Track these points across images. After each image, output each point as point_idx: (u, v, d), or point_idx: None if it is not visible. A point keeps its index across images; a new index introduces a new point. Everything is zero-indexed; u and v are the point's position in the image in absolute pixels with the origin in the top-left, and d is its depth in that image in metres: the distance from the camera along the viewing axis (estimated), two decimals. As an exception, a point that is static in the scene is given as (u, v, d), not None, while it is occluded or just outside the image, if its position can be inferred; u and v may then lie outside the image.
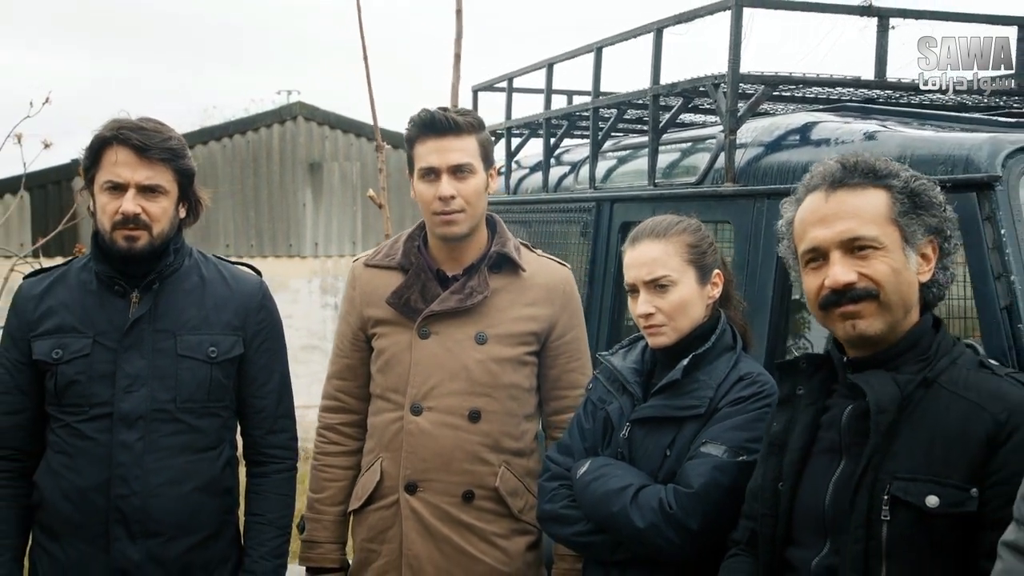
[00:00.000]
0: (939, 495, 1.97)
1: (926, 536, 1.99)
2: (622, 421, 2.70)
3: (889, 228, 2.10)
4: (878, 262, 2.09)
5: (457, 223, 2.92)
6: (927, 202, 2.11)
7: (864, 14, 3.32)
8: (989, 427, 1.97)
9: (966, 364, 2.09)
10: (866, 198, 2.12)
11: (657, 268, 2.63)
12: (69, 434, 2.85)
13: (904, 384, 2.07)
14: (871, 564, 2.02)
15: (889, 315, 2.10)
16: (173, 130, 2.95)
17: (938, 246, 2.13)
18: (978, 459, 1.96)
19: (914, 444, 2.03)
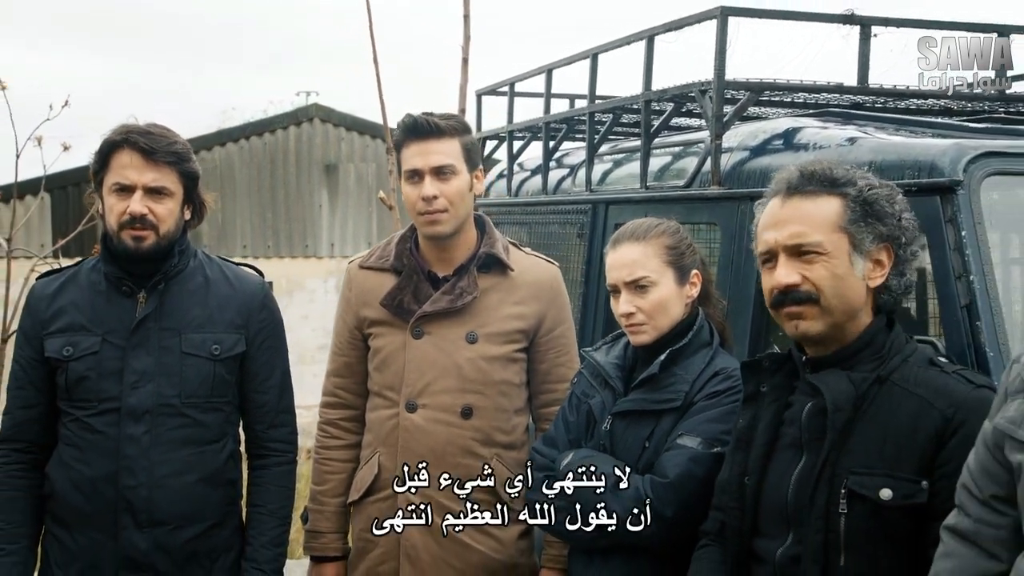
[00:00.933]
0: (892, 488, 2.09)
1: (881, 527, 2.11)
2: (604, 414, 2.81)
3: (836, 235, 2.21)
4: (820, 267, 2.21)
5: (441, 222, 3.04)
6: (879, 211, 2.21)
7: (846, 22, 3.41)
8: (938, 423, 2.09)
9: (917, 362, 2.20)
10: (818, 205, 2.24)
11: (637, 269, 2.76)
12: (79, 428, 2.97)
13: (859, 382, 2.18)
14: (830, 554, 2.14)
15: (830, 318, 2.22)
16: (178, 135, 3.08)
17: (893, 253, 2.23)
18: (928, 453, 2.08)
19: (869, 440, 2.14)
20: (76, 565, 2.98)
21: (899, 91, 3.52)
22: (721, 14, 3.35)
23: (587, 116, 4.23)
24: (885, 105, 3.84)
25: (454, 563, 3.05)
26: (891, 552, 2.10)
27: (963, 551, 1.83)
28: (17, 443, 3.06)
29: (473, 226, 3.18)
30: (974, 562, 1.81)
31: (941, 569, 1.88)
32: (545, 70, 4.72)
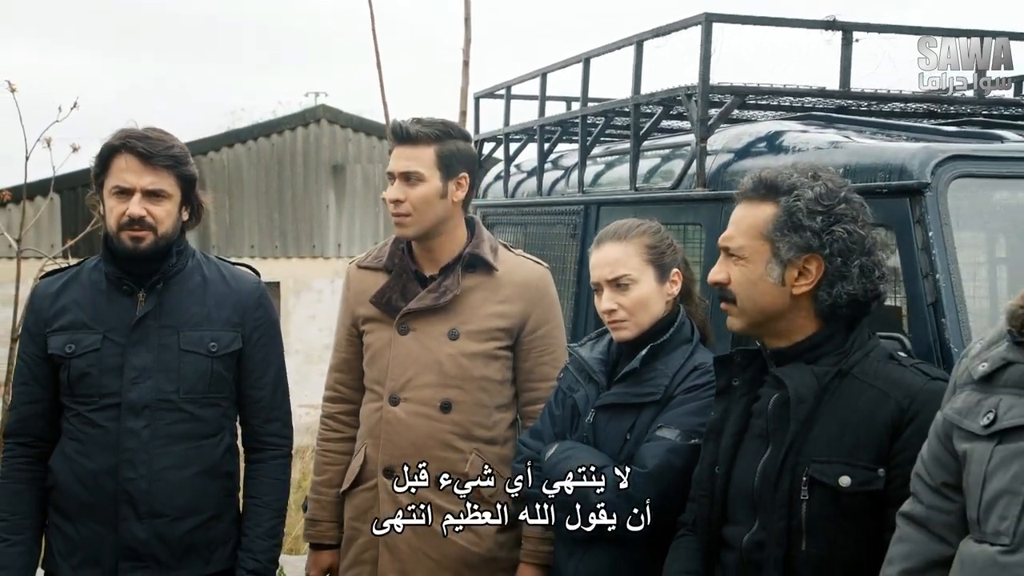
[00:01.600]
0: (851, 475, 2.19)
1: (840, 512, 2.21)
2: (587, 408, 2.91)
3: (758, 242, 2.34)
4: (737, 270, 2.37)
5: (405, 225, 3.17)
6: (797, 223, 2.31)
7: (829, 28, 3.50)
8: (894, 413, 2.19)
9: (878, 357, 2.30)
10: (755, 211, 2.37)
11: (618, 268, 2.86)
12: (81, 422, 3.07)
13: (821, 376, 2.29)
14: (793, 539, 2.24)
15: (746, 317, 2.38)
16: (176, 139, 3.17)
17: (824, 265, 2.31)
18: (884, 442, 2.19)
19: (830, 430, 2.24)
20: (78, 555, 3.08)
21: (880, 95, 3.61)
22: (706, 20, 3.44)
23: (579, 119, 4.32)
24: (870, 108, 3.92)
25: (431, 554, 3.15)
26: (850, 536, 2.20)
27: (916, 536, 1.93)
28: (22, 437, 3.16)
29: (461, 227, 3.28)
30: (925, 546, 1.90)
31: (895, 553, 1.97)
32: (540, 73, 4.81)
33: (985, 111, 3.78)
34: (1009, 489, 1.71)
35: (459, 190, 3.22)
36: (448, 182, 3.18)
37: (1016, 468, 1.71)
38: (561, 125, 4.71)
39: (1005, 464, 1.73)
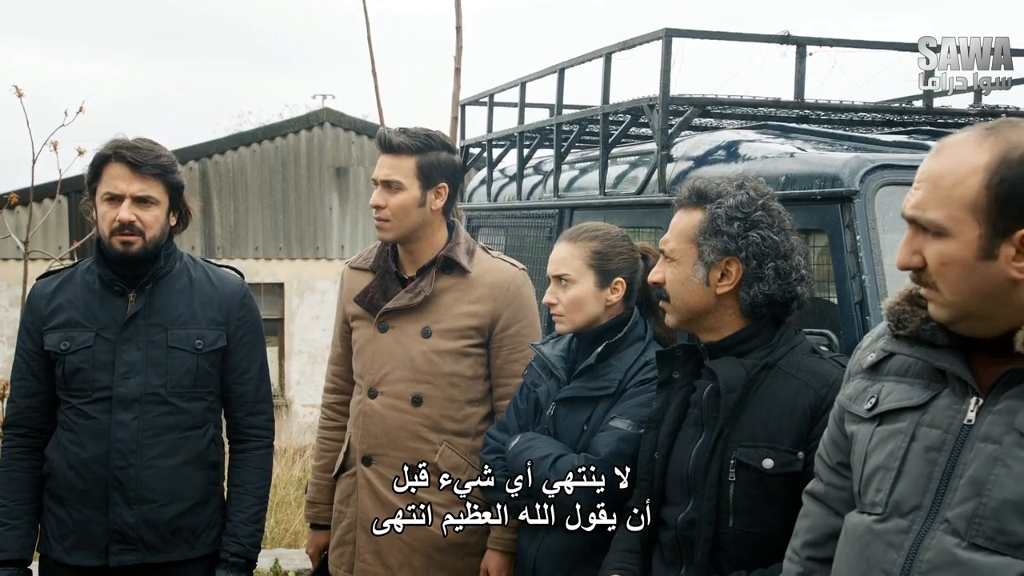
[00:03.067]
0: (773, 458, 2.40)
1: (764, 492, 2.42)
2: (548, 401, 3.11)
3: (687, 245, 2.56)
4: (670, 271, 2.58)
5: (384, 230, 3.38)
6: (718, 229, 2.52)
7: (783, 42, 3.68)
8: (812, 401, 2.40)
9: (802, 351, 2.52)
10: (687, 218, 2.59)
11: (561, 267, 3.07)
12: (75, 414, 3.26)
13: (749, 368, 2.49)
14: (721, 517, 2.45)
15: (678, 314, 2.59)
16: (164, 148, 3.36)
17: (742, 267, 2.52)
18: (803, 428, 2.40)
19: (756, 417, 2.45)
20: (72, 538, 3.25)
21: (832, 105, 3.79)
22: (666, 35, 3.63)
23: (555, 127, 4.51)
24: (829, 118, 4.11)
25: (404, 538, 3.35)
26: (773, 514, 2.41)
27: (816, 511, 2.12)
28: (20, 428, 3.35)
29: (440, 232, 3.46)
30: (824, 520, 2.09)
31: (800, 527, 2.16)
32: (519, 83, 5.00)
33: (940, 120, 3.95)
34: (884, 465, 1.89)
35: (438, 198, 3.40)
36: (427, 191, 3.37)
37: (891, 446, 1.90)
38: (539, 132, 4.90)
39: (882, 443, 1.92)
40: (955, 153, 1.81)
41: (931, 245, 1.81)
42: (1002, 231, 1.75)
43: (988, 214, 1.75)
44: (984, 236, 1.76)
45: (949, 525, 1.76)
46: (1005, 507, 1.70)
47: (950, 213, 1.78)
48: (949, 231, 1.78)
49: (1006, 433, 1.75)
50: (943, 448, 1.82)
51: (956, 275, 1.79)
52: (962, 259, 1.78)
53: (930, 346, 1.90)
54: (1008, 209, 1.74)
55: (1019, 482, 1.70)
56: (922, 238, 1.83)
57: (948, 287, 1.81)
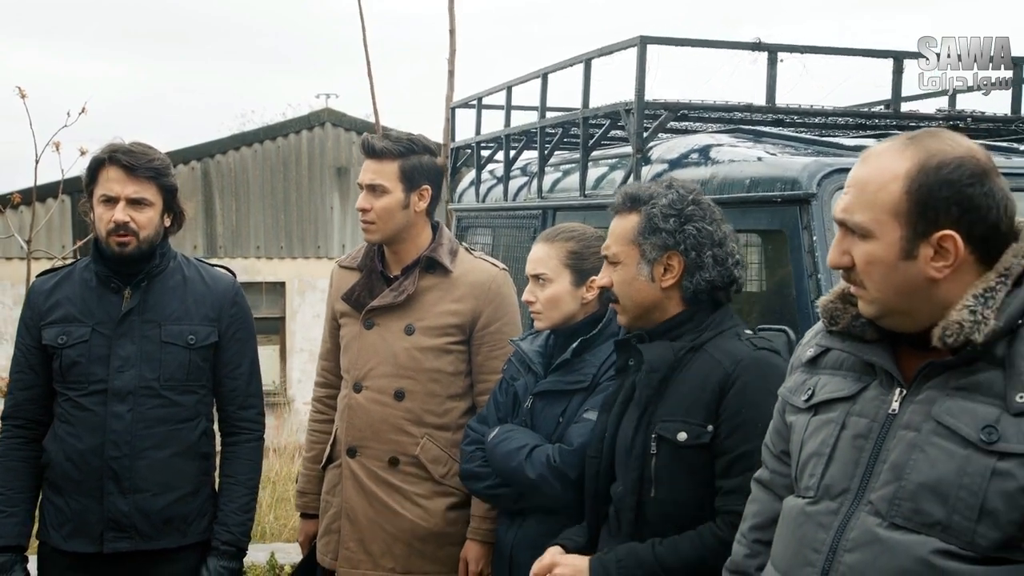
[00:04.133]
0: (687, 431, 2.59)
1: (680, 464, 2.61)
2: (526, 394, 3.24)
3: (629, 247, 2.73)
4: (616, 274, 2.76)
5: (370, 232, 3.53)
6: (656, 227, 2.70)
7: (755, 49, 3.81)
8: (720, 377, 2.59)
9: (729, 335, 2.69)
10: (624, 222, 2.76)
11: (539, 266, 3.21)
12: (71, 406, 3.39)
13: (677, 350, 2.68)
14: (644, 487, 2.64)
15: (628, 313, 2.76)
16: (159, 152, 3.49)
17: (683, 259, 2.70)
18: (713, 403, 2.58)
19: (678, 394, 2.63)
20: (68, 526, 3.38)
21: (802, 109, 3.92)
22: (640, 42, 3.76)
23: (538, 130, 4.65)
24: (804, 121, 4.24)
25: (386, 527, 3.50)
26: (690, 484, 2.59)
27: (762, 496, 2.26)
28: (18, 420, 3.48)
29: (424, 233, 3.60)
30: (769, 505, 2.23)
31: (748, 512, 2.30)
32: (506, 87, 5.13)
33: (907, 124, 4.08)
34: (817, 452, 2.03)
35: (421, 201, 3.54)
36: (410, 194, 3.51)
37: (823, 434, 2.03)
38: (525, 135, 5.03)
39: (816, 432, 2.05)
40: (879, 161, 1.95)
41: (858, 246, 1.95)
42: (921, 233, 1.88)
43: (908, 217, 1.89)
44: (905, 238, 1.89)
45: (872, 507, 1.89)
46: (921, 489, 1.84)
47: (874, 216, 1.91)
48: (873, 233, 1.92)
49: (924, 421, 1.88)
50: (869, 436, 1.95)
51: (880, 274, 1.93)
52: (885, 259, 1.91)
53: (860, 341, 2.04)
54: (926, 213, 1.88)
55: (934, 466, 1.83)
56: (850, 239, 1.96)
57: (874, 285, 1.94)
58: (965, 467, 1.80)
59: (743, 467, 2.50)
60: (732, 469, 2.55)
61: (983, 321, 1.84)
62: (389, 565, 3.51)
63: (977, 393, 1.85)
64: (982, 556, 1.78)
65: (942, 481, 1.82)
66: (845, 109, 3.95)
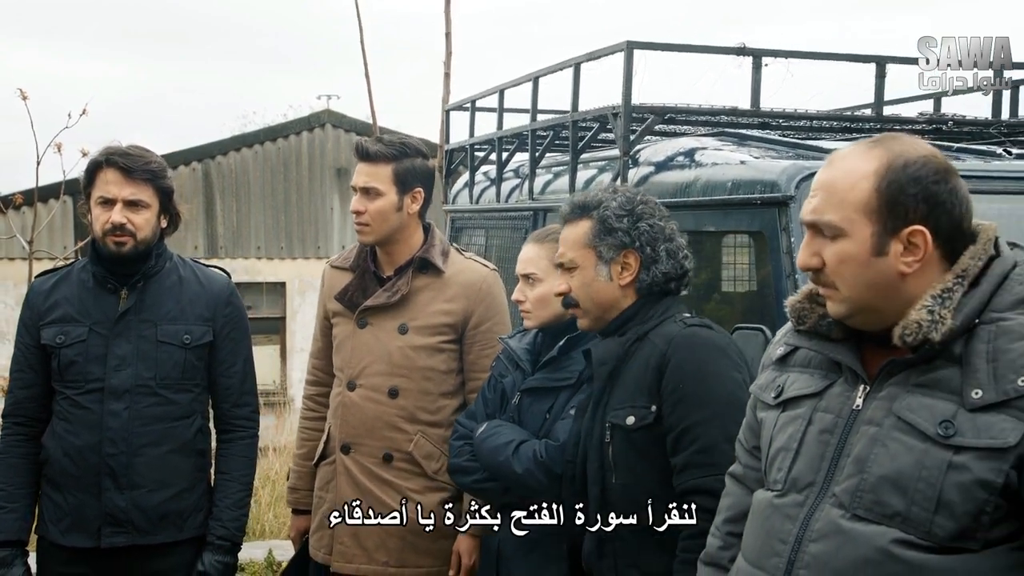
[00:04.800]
0: (634, 415, 2.71)
1: (633, 447, 2.72)
2: (514, 391, 3.32)
3: (585, 251, 2.85)
4: (574, 279, 2.88)
5: (364, 233, 3.59)
6: (609, 228, 2.82)
7: (740, 54, 3.89)
8: (658, 359, 2.70)
9: (671, 320, 2.80)
10: (576, 229, 2.88)
11: (528, 266, 3.29)
12: (69, 404, 3.46)
13: (624, 342, 2.79)
14: (606, 475, 2.76)
15: (589, 316, 2.88)
16: (155, 155, 3.56)
17: (639, 256, 2.81)
18: (654, 384, 2.70)
19: (626, 382, 2.75)
20: (66, 521, 3.45)
21: (786, 113, 4.00)
22: (627, 47, 3.83)
23: (530, 133, 4.72)
24: (790, 124, 4.31)
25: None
26: (645, 467, 2.70)
27: (736, 490, 2.33)
28: (18, 417, 3.55)
29: (417, 234, 3.68)
30: (742, 499, 2.30)
31: (722, 505, 2.37)
32: (498, 90, 5.21)
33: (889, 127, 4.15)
34: (785, 446, 2.10)
35: (414, 203, 3.62)
36: (404, 196, 3.58)
37: (791, 430, 2.10)
38: (517, 137, 5.10)
39: (784, 427, 2.12)
40: (846, 163, 2.03)
41: (829, 246, 2.02)
42: (891, 229, 1.96)
43: (879, 214, 1.97)
44: (876, 234, 1.97)
45: (836, 499, 1.97)
46: (881, 482, 1.91)
47: (845, 215, 1.98)
48: (845, 231, 1.99)
49: (886, 416, 1.95)
50: (834, 431, 2.03)
51: (852, 272, 1.99)
52: (858, 256, 1.98)
53: (827, 340, 2.12)
54: (896, 209, 1.95)
55: (894, 460, 1.91)
56: (820, 241, 2.03)
57: (845, 283, 2.01)
58: (923, 460, 1.87)
59: (689, 440, 2.62)
60: (680, 444, 2.65)
61: (940, 321, 1.91)
62: (383, 559, 3.58)
63: (936, 389, 1.92)
64: (939, 546, 1.85)
65: (901, 474, 1.89)
66: (828, 113, 4.03)
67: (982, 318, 1.93)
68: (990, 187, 3.09)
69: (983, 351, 1.90)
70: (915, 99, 4.31)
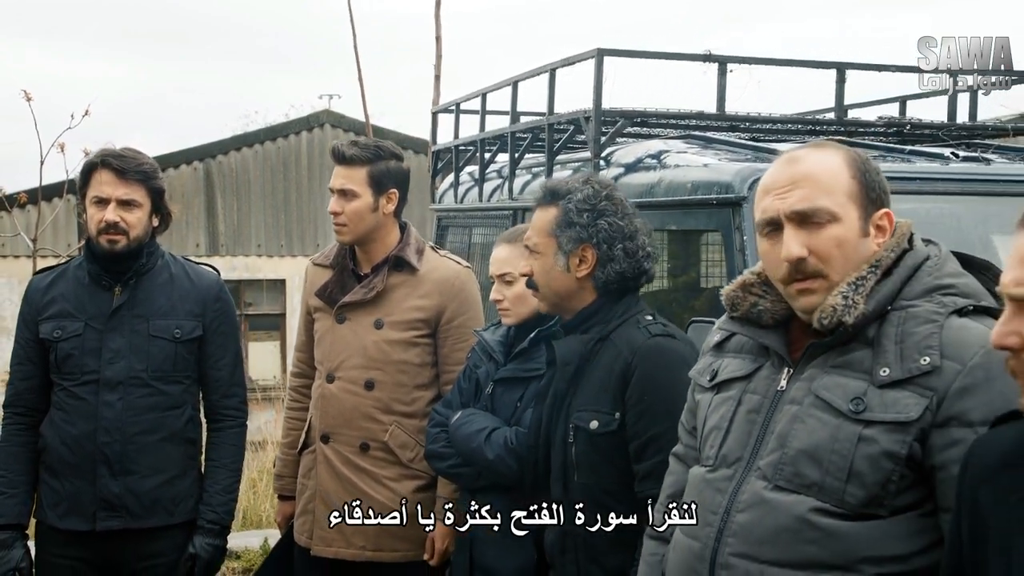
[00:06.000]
0: (598, 420, 2.83)
1: (596, 450, 2.84)
2: (487, 381, 3.48)
3: (547, 239, 2.97)
4: (536, 263, 3.00)
5: (341, 233, 3.76)
6: (571, 221, 2.92)
7: (706, 60, 4.06)
8: (622, 367, 2.82)
9: (632, 324, 2.91)
10: (544, 215, 2.99)
11: (504, 266, 3.44)
12: (66, 395, 3.62)
13: (587, 342, 2.91)
14: (568, 472, 2.88)
15: (546, 300, 3.01)
16: (147, 157, 3.72)
17: (596, 252, 2.92)
18: (618, 391, 2.82)
19: (590, 385, 2.87)
20: (63, 506, 3.61)
21: (750, 117, 4.17)
22: (598, 54, 4.01)
23: (509, 135, 4.90)
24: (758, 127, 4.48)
25: (358, 507, 3.73)
26: (607, 467, 2.83)
27: (678, 468, 2.50)
28: (18, 408, 3.72)
29: (393, 233, 3.84)
30: (683, 476, 2.46)
31: (665, 483, 2.54)
32: (480, 93, 5.39)
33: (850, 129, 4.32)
34: (717, 425, 2.27)
35: (389, 203, 3.79)
36: (379, 197, 3.75)
37: (723, 410, 2.27)
38: (499, 139, 5.28)
39: (717, 408, 2.30)
40: (812, 158, 2.19)
41: (823, 232, 2.12)
42: (868, 213, 2.15)
43: (861, 199, 2.15)
44: (861, 218, 2.15)
45: (760, 472, 2.14)
46: (800, 455, 2.09)
47: (837, 200, 2.13)
48: (838, 215, 2.13)
49: (806, 396, 2.13)
50: (761, 410, 2.20)
51: (845, 254, 2.13)
52: (851, 239, 2.14)
53: (758, 326, 2.29)
54: (870, 195, 2.15)
55: (811, 435, 2.08)
56: (808, 230, 2.13)
57: (837, 267, 2.13)
58: (837, 435, 2.05)
59: (654, 450, 2.73)
60: (644, 453, 2.77)
61: (853, 306, 2.09)
62: (360, 543, 3.74)
63: (849, 369, 2.10)
64: (851, 513, 2.03)
65: (818, 447, 2.06)
66: (791, 116, 4.20)
67: (894, 305, 2.11)
68: (934, 188, 3.27)
69: (892, 334, 2.08)
70: (876, 103, 4.48)
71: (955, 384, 1.99)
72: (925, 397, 2.00)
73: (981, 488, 1.75)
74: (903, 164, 3.55)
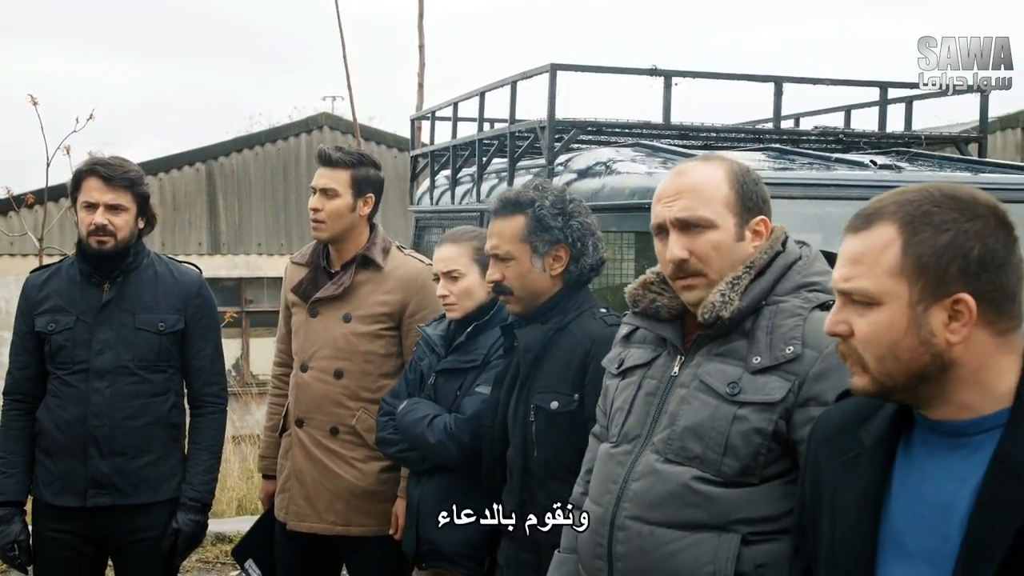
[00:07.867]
0: (558, 401, 3.10)
1: (555, 428, 3.11)
2: (430, 372, 3.76)
3: (520, 245, 3.21)
4: (509, 270, 3.23)
5: (319, 231, 4.08)
6: (545, 224, 3.18)
7: (652, 75, 4.36)
8: (582, 355, 3.09)
9: (589, 315, 3.19)
10: (509, 223, 3.23)
11: (451, 264, 3.71)
12: (59, 383, 3.93)
13: (546, 331, 3.19)
14: (528, 449, 3.15)
15: (522, 303, 3.23)
16: (133, 164, 4.03)
17: (569, 250, 3.21)
18: (578, 376, 3.09)
19: (550, 370, 3.14)
20: (57, 484, 3.91)
21: (693, 127, 4.47)
22: (552, 69, 4.30)
23: (477, 143, 5.21)
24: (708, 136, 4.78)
25: (328, 486, 4.04)
26: (565, 445, 3.07)
27: (595, 446, 2.78)
28: (16, 395, 4.04)
29: (364, 234, 4.16)
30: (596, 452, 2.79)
31: (585, 460, 2.82)
32: (452, 103, 5.71)
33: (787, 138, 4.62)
34: (621, 407, 2.57)
35: (365, 206, 4.11)
36: (357, 199, 4.07)
37: (626, 394, 2.57)
38: (469, 146, 5.58)
39: (622, 391, 2.59)
40: (696, 172, 2.50)
41: (701, 238, 2.43)
42: (745, 220, 2.46)
43: (738, 207, 2.46)
44: (737, 224, 2.45)
45: (654, 446, 2.44)
46: (686, 432, 2.40)
47: (714, 209, 2.44)
48: (715, 223, 2.43)
49: (692, 380, 2.44)
50: (657, 393, 2.51)
51: (721, 256, 2.44)
52: (727, 243, 2.45)
53: (657, 320, 2.60)
54: (746, 204, 2.46)
55: (695, 414, 2.39)
56: (689, 235, 2.44)
57: (713, 268, 2.44)
58: (716, 414, 2.37)
59: None
60: None
61: (729, 302, 2.40)
62: (331, 519, 4.05)
63: (729, 357, 2.41)
64: (727, 481, 2.34)
65: (700, 425, 2.38)
66: (733, 126, 4.50)
67: (767, 300, 2.43)
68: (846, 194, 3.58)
69: (764, 326, 2.39)
70: (819, 112, 4.77)
71: (813, 369, 2.31)
72: (788, 381, 2.32)
73: (820, 451, 2.03)
74: (823, 172, 3.86)
